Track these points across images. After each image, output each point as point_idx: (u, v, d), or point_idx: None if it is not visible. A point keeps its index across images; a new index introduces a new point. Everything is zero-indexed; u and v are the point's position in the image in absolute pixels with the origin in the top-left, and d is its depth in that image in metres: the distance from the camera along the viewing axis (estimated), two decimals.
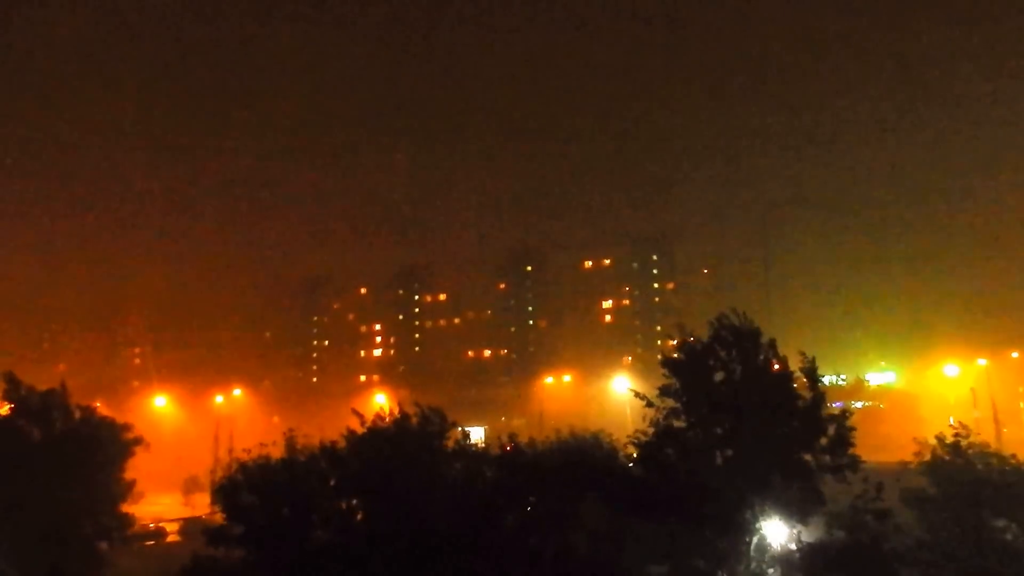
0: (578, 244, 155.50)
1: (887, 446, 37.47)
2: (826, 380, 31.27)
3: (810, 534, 27.79)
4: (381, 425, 29.60)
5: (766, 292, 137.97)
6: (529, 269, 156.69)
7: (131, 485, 41.43)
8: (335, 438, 29.64)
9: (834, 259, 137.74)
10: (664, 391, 29.85)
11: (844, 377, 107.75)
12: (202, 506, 62.48)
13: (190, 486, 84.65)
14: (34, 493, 35.45)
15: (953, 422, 30.42)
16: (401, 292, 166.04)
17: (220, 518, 29.36)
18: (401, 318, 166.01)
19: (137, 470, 42.23)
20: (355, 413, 30.27)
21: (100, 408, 43.22)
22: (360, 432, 29.55)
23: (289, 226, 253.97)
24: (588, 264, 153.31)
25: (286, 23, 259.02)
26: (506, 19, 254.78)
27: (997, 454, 30.07)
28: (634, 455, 30.35)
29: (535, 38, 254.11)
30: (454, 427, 30.18)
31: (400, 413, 29.99)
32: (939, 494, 28.56)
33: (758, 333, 30.15)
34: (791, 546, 27.47)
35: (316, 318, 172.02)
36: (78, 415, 40.06)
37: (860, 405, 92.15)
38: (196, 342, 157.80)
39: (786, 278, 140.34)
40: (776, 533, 27.69)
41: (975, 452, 29.23)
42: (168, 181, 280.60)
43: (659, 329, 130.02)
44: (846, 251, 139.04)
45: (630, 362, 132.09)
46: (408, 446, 28.86)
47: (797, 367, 29.99)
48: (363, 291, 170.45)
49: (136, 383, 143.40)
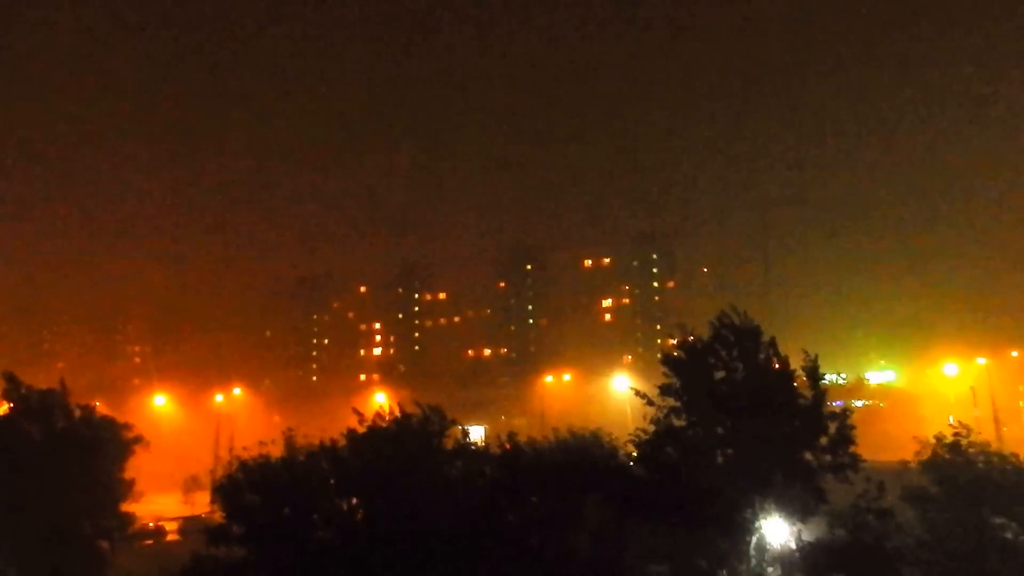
0: (578, 244, 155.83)
1: (887, 445, 37.35)
2: (826, 379, 31.19)
3: (811, 533, 27.75)
4: (381, 424, 29.63)
5: (766, 292, 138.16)
6: (529, 268, 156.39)
7: (131, 484, 41.50)
8: (335, 437, 29.64)
9: (834, 259, 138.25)
10: (664, 390, 29.80)
11: (844, 376, 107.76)
12: (202, 505, 62.48)
13: (190, 485, 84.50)
14: (34, 493, 35.46)
15: (953, 421, 30.45)
16: (401, 291, 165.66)
17: (220, 517, 29.36)
18: (401, 317, 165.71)
19: (137, 469, 42.34)
20: (355, 412, 30.30)
21: (100, 408, 43.26)
22: (360, 431, 29.59)
23: (289, 226, 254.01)
24: (588, 263, 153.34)
25: (286, 23, 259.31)
26: (506, 20, 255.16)
27: (997, 453, 30.07)
28: (634, 454, 30.29)
29: (535, 39, 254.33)
30: (454, 426, 30.18)
31: (400, 412, 30.00)
32: (940, 493, 28.52)
33: (759, 331, 30.07)
34: (792, 545, 27.43)
35: (316, 317, 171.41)
36: (78, 415, 40.07)
37: (860, 404, 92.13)
38: (196, 342, 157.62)
39: (786, 278, 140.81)
40: (777, 532, 27.63)
41: (975, 451, 29.25)
42: (168, 181, 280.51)
43: (659, 328, 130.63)
44: (846, 251, 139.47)
45: (630, 361, 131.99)
46: (408, 445, 28.86)
47: (798, 366, 29.93)
48: (363, 290, 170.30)
49: (136, 382, 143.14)
